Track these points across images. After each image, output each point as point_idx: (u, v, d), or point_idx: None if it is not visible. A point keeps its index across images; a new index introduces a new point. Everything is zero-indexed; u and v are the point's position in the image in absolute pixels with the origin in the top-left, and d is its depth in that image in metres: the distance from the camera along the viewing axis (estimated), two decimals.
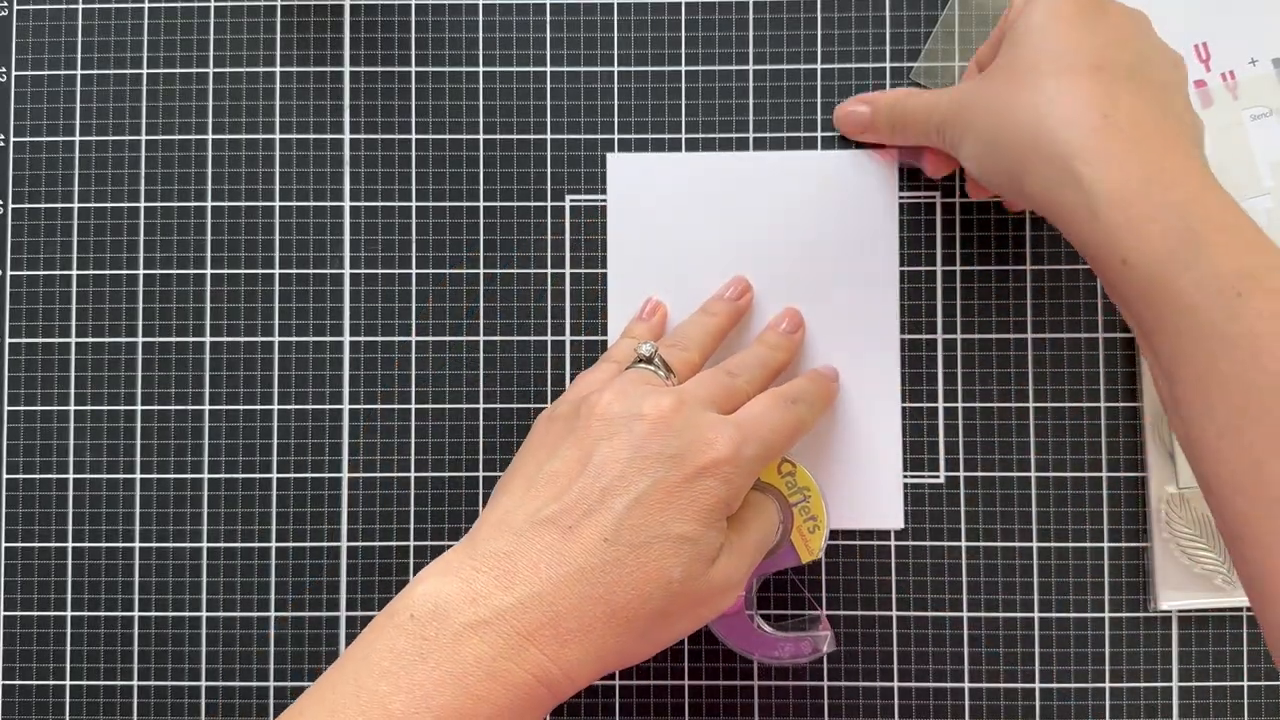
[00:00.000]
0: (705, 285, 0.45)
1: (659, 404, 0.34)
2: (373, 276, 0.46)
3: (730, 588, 0.35)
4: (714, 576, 0.34)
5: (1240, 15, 0.44)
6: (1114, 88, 0.33)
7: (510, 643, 0.30)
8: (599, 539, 0.32)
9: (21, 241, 0.46)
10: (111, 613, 0.45)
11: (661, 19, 0.46)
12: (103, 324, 0.46)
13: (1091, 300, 0.45)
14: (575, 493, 0.33)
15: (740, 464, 0.34)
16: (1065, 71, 0.34)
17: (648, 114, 0.46)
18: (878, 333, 0.45)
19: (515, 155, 0.46)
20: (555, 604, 0.31)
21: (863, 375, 0.45)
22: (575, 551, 0.32)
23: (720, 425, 0.34)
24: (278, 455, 0.45)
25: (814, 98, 0.45)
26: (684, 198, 0.45)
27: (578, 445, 0.34)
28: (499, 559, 0.32)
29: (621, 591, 0.31)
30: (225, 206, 0.46)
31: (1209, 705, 0.44)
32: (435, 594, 0.31)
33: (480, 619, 0.30)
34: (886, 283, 0.45)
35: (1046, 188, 0.34)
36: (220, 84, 0.46)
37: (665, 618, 0.33)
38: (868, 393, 0.44)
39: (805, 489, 0.40)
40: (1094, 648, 0.44)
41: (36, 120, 0.46)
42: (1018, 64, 0.35)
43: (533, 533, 0.32)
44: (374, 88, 0.46)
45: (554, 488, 0.33)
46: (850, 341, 0.45)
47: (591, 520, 0.32)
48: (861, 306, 0.45)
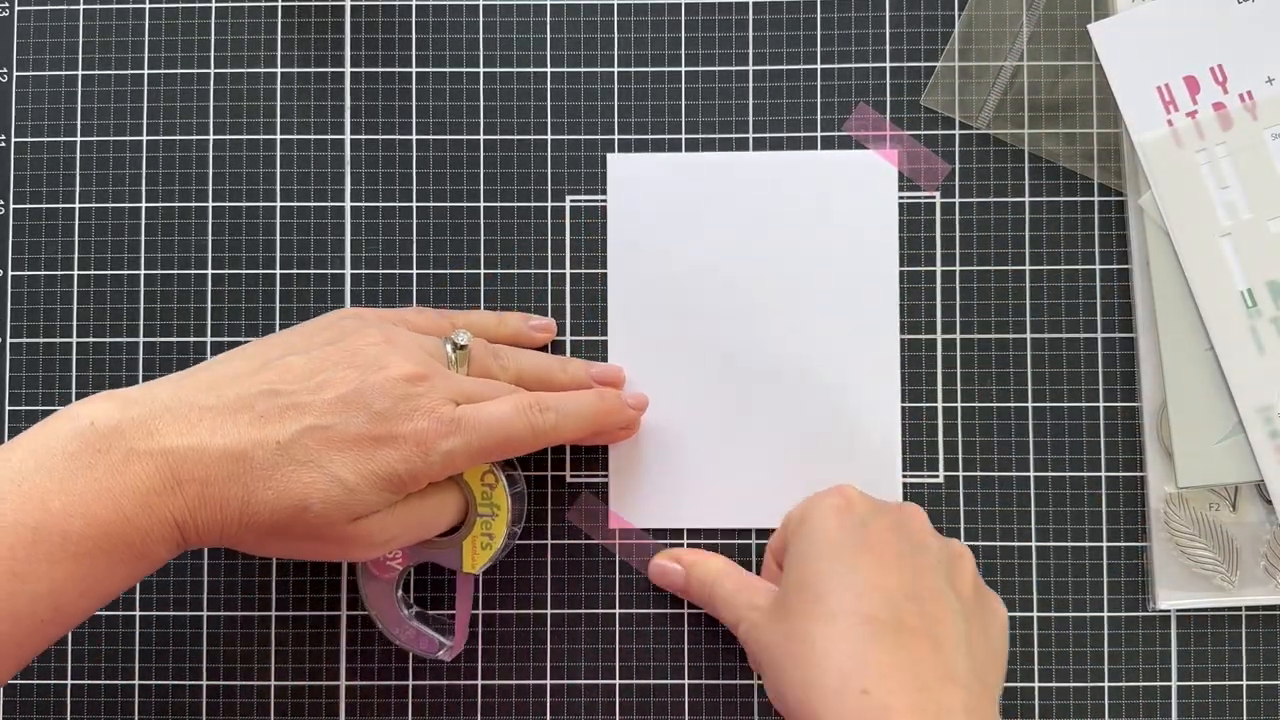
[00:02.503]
0: (704, 285, 0.45)
1: (403, 368, 0.36)
2: (373, 277, 0.46)
3: (368, 545, 0.37)
4: (354, 529, 0.36)
5: (1256, 35, 0.43)
6: (877, 647, 0.34)
7: (166, 482, 0.33)
8: (274, 440, 0.34)
9: (22, 241, 0.46)
10: (112, 613, 0.45)
11: (661, 19, 0.46)
12: (103, 324, 0.46)
13: (1091, 300, 0.45)
14: (287, 395, 0.35)
15: (430, 455, 0.36)
16: (832, 619, 0.35)
17: (648, 114, 0.46)
18: (877, 333, 0.45)
19: (515, 155, 0.46)
20: (210, 469, 0.33)
21: (862, 375, 0.45)
22: (251, 437, 0.34)
23: (436, 411, 0.36)
24: None
25: (814, 98, 0.45)
26: (684, 198, 0.45)
27: (323, 358, 0.36)
28: (190, 409, 0.34)
29: (261, 489, 0.34)
30: (225, 207, 0.46)
31: (1209, 705, 0.44)
32: (120, 414, 0.33)
33: (148, 450, 0.33)
34: (886, 283, 0.45)
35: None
36: (220, 84, 0.46)
37: (287, 534, 0.35)
38: (867, 393, 0.45)
39: (496, 506, 0.41)
40: (1094, 647, 0.44)
41: (37, 120, 0.46)
42: (790, 602, 0.36)
43: (232, 405, 0.34)
44: (374, 88, 0.46)
45: (278, 379, 0.35)
46: (849, 341, 0.45)
47: (279, 422, 0.34)
48: (861, 306, 0.45)
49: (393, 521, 0.37)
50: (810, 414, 0.44)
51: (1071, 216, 0.45)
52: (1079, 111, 0.45)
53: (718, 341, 0.45)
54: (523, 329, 0.44)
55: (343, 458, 0.35)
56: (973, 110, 0.45)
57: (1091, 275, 0.45)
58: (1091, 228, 0.45)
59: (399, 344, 0.37)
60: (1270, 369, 0.43)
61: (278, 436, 0.34)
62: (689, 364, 0.45)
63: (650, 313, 0.45)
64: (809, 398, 0.44)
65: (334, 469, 0.34)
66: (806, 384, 0.44)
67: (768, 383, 0.44)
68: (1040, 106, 0.45)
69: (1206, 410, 0.43)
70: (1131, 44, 0.44)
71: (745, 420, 0.44)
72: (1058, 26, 0.45)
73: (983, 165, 0.45)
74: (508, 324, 0.44)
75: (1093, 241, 0.45)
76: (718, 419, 0.44)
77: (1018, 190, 0.45)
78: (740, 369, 0.45)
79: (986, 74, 0.45)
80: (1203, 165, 0.43)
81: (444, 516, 0.40)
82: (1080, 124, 0.45)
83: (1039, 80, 0.45)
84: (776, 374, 0.44)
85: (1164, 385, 0.44)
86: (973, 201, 0.45)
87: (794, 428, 0.44)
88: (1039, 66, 0.45)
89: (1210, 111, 0.43)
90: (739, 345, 0.44)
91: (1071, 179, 0.45)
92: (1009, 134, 0.45)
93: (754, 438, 0.44)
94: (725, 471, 0.44)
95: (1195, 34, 0.44)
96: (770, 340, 0.45)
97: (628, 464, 0.45)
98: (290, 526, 0.35)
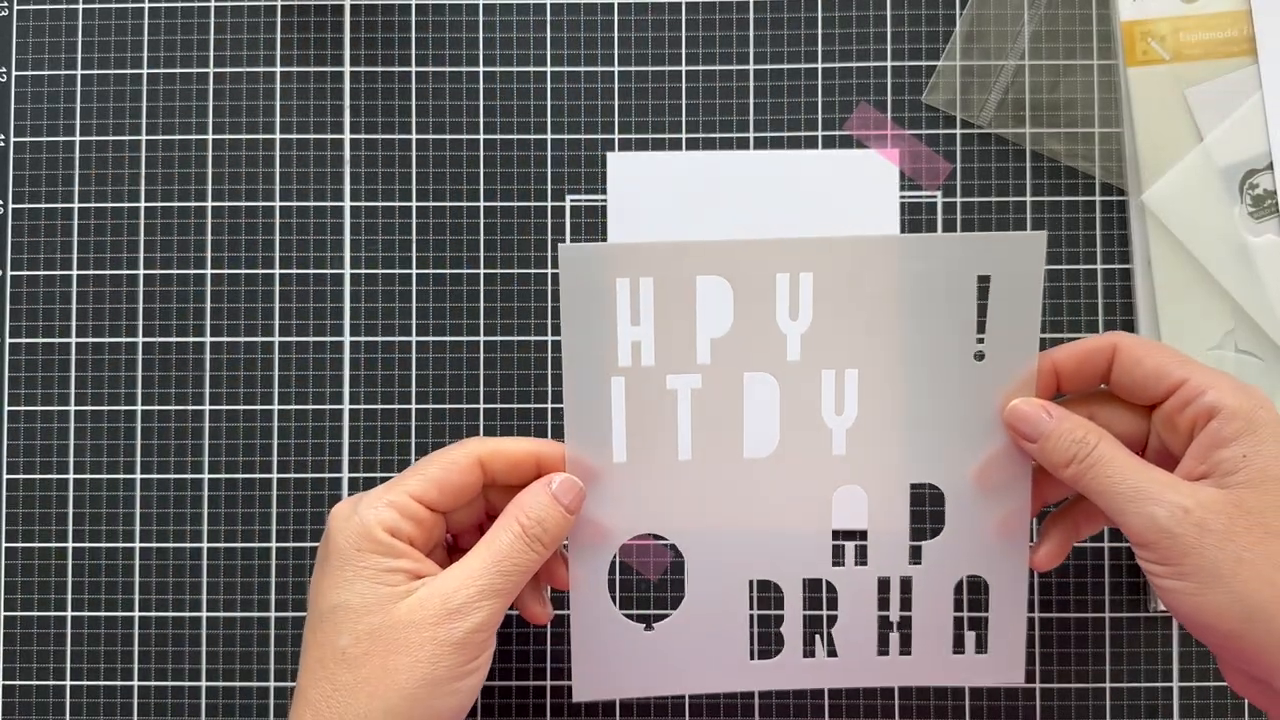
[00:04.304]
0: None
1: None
2: (373, 276, 0.46)
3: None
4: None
5: None
6: None
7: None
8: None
9: (21, 241, 0.46)
10: (111, 613, 0.45)
11: (661, 19, 0.46)
12: (103, 324, 0.46)
13: (1092, 300, 0.45)
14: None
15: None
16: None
17: (648, 114, 0.46)
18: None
19: (515, 155, 0.46)
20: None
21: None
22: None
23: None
24: (278, 455, 0.45)
25: (814, 97, 0.45)
26: (684, 197, 0.45)
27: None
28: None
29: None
30: (225, 206, 0.46)
31: (1209, 705, 0.44)
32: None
33: None
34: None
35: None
36: (220, 84, 0.46)
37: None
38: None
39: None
40: (1094, 648, 0.44)
41: (36, 120, 0.46)
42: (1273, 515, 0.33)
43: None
44: (374, 88, 0.46)
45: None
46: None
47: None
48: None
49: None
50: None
51: (1073, 216, 0.45)
52: (1081, 110, 0.45)
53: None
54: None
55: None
56: (974, 109, 0.45)
57: (1093, 274, 0.45)
58: (1093, 227, 0.45)
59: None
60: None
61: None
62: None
63: None
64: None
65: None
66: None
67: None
68: (1042, 105, 0.45)
69: None
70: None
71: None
72: (1059, 25, 0.45)
73: (984, 164, 0.45)
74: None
75: (1094, 241, 0.45)
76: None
77: (1019, 189, 0.45)
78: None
79: (988, 73, 0.45)
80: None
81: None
82: (1082, 123, 0.45)
83: (1041, 79, 0.45)
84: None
85: None
86: (974, 201, 0.45)
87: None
88: (1041, 65, 0.45)
89: None
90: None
91: (1073, 178, 0.45)
92: (1011, 133, 0.45)
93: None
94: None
95: None
96: None
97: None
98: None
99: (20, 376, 0.46)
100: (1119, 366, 0.37)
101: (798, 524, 0.39)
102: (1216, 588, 0.33)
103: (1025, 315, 0.37)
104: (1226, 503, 0.33)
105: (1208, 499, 0.33)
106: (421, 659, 0.33)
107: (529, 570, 0.36)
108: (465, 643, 0.34)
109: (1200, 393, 0.34)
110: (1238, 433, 0.34)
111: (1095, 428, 0.36)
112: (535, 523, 0.36)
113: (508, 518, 0.36)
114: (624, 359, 0.38)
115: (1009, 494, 0.39)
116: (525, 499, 0.37)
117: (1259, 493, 0.33)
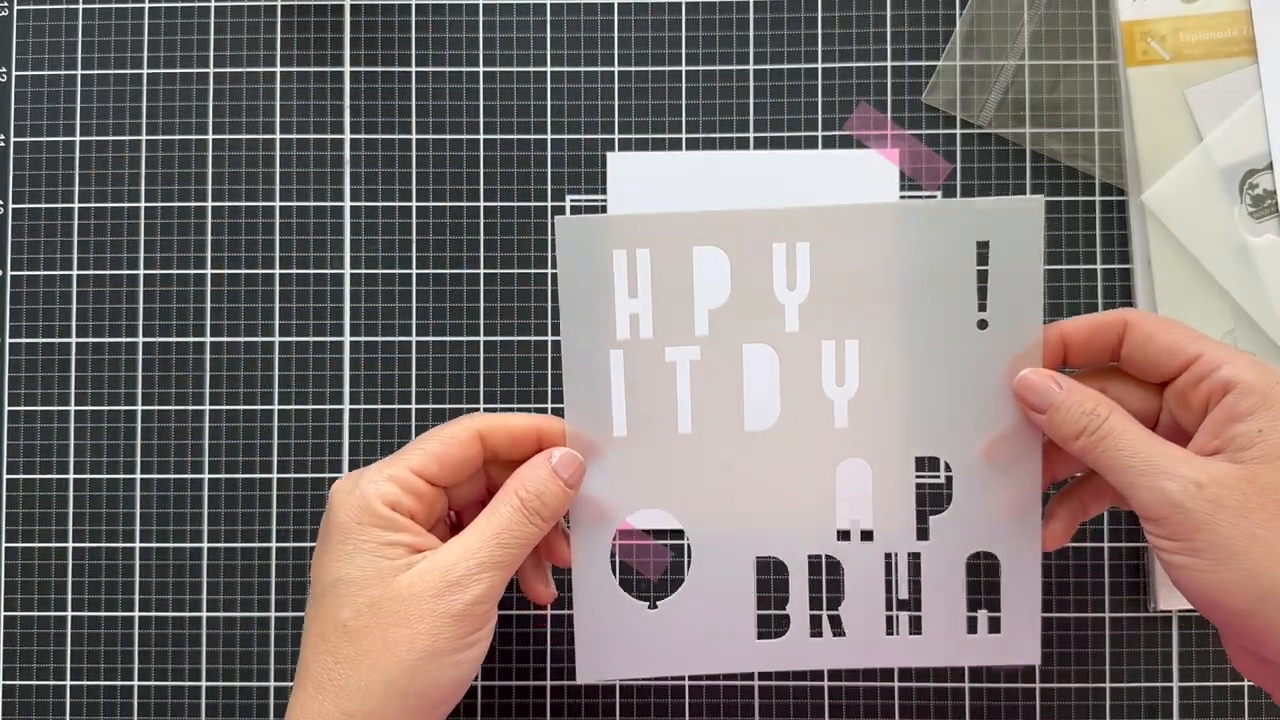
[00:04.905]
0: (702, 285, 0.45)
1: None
2: (373, 276, 0.46)
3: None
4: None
5: None
6: None
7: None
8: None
9: (21, 241, 0.46)
10: (111, 613, 0.45)
11: (661, 19, 0.46)
12: (103, 324, 0.46)
13: (1092, 300, 0.45)
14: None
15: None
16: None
17: (648, 114, 0.46)
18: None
19: (515, 155, 0.46)
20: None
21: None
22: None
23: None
24: (278, 455, 0.45)
25: (814, 97, 0.45)
26: (684, 197, 0.45)
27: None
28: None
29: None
30: (225, 206, 0.46)
31: (1209, 705, 0.44)
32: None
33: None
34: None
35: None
36: (220, 84, 0.46)
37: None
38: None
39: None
40: (1094, 648, 0.44)
41: (36, 120, 0.46)
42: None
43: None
44: (374, 88, 0.46)
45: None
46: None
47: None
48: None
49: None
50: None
51: (1073, 215, 0.45)
52: (1081, 110, 0.45)
53: None
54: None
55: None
56: (974, 109, 0.45)
57: (1093, 274, 0.45)
58: (1093, 227, 0.45)
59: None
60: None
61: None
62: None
63: None
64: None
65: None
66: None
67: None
68: (1042, 105, 0.45)
69: None
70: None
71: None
72: (1059, 25, 0.45)
73: (984, 164, 0.45)
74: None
75: (1094, 240, 0.45)
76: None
77: (1019, 189, 0.45)
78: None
79: (988, 73, 0.45)
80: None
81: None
82: (1082, 123, 0.45)
83: (1041, 79, 0.45)
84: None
85: None
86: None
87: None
88: (1041, 65, 0.45)
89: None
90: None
91: (1073, 178, 0.45)
92: (1011, 133, 0.45)
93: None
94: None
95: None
96: None
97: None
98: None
99: (20, 376, 0.46)
100: (1130, 342, 0.36)
101: (801, 498, 0.39)
102: (1229, 565, 0.32)
103: (1027, 282, 0.37)
104: (1241, 478, 0.33)
105: (1221, 474, 0.33)
106: (422, 631, 0.34)
107: (529, 543, 0.36)
108: (465, 615, 0.34)
109: (1215, 367, 0.34)
110: (1254, 407, 0.33)
111: (1106, 400, 0.35)
112: (534, 495, 0.36)
113: (507, 491, 0.36)
114: (622, 332, 0.37)
115: (1019, 469, 0.38)
116: (525, 472, 0.37)
117: (1274, 469, 0.33)
